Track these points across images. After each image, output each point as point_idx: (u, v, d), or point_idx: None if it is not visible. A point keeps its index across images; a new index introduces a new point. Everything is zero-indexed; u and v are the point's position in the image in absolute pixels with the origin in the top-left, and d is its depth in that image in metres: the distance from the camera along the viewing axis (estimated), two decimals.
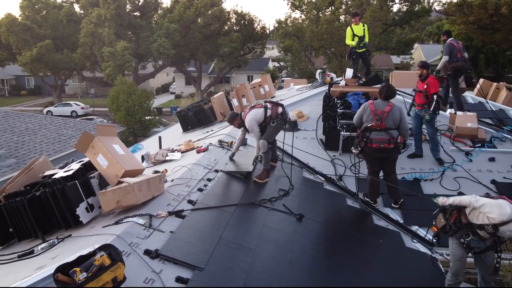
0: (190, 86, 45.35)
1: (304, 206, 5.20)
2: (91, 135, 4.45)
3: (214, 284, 3.23)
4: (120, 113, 18.43)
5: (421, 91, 6.68)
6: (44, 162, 5.10)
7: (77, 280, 2.67)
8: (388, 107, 5.28)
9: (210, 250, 3.65)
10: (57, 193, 4.03)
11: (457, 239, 3.96)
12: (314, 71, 30.51)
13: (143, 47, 28.52)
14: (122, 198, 4.00)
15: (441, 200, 4.12)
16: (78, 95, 45.58)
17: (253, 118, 5.52)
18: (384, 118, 5.23)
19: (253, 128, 5.53)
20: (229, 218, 4.37)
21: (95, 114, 34.41)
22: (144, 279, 3.10)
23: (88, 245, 3.46)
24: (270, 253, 3.93)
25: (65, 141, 15.42)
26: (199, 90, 37.98)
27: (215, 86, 44.41)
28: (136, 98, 18.65)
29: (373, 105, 5.35)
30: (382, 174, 5.80)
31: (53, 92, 37.25)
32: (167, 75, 52.39)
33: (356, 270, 4.11)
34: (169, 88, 51.01)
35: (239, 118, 5.73)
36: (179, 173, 5.25)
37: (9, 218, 4.25)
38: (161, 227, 3.84)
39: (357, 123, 5.50)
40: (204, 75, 42.87)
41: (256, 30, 37.77)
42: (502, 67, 37.71)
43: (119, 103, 18.63)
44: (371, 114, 5.29)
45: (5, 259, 3.90)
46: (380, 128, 5.24)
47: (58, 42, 32.03)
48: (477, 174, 6.65)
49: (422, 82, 6.64)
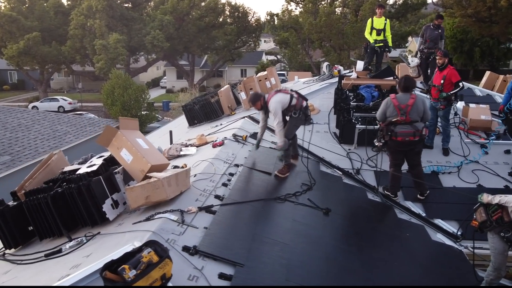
0: (181, 80, 44.99)
1: (327, 200, 5.19)
2: (114, 128, 4.37)
3: (257, 280, 3.21)
4: (116, 108, 18.19)
5: (435, 85, 6.71)
6: (60, 157, 5.00)
7: (127, 278, 2.62)
8: (411, 99, 5.28)
9: (247, 245, 3.62)
10: (83, 189, 3.95)
11: (497, 233, 4.00)
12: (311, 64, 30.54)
13: (136, 39, 28.17)
14: (151, 194, 3.95)
15: (486, 198, 4.15)
16: (64, 90, 44.67)
17: (279, 100, 5.39)
18: (408, 112, 5.23)
19: (277, 111, 5.36)
20: (258, 213, 4.35)
21: (84, 110, 33.91)
22: (187, 276, 3.06)
23: (123, 242, 3.41)
24: (304, 248, 3.92)
25: (60, 137, 15.19)
26: (192, 84, 37.72)
27: (208, 80, 44.17)
28: (132, 93, 18.43)
29: (395, 99, 5.34)
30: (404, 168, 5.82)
31: (38, 87, 36.48)
32: (157, 69, 51.78)
33: (389, 264, 4.13)
34: (159, 82, 50.43)
35: (263, 99, 5.56)
36: (200, 167, 5.20)
37: (30, 216, 4.16)
38: (193, 223, 3.80)
39: (381, 119, 5.49)
40: (196, 69, 42.54)
41: (250, 22, 37.63)
42: (497, 60, 38.23)
43: (114, 97, 18.38)
44: (395, 109, 5.29)
45: (30, 259, 3.82)
46: (405, 121, 5.25)
47: (46, 35, 31.41)
48: (494, 167, 6.73)
49: (441, 72, 6.66)
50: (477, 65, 36.57)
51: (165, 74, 50.06)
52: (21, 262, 3.86)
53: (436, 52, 9.28)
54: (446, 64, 6.66)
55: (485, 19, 23.78)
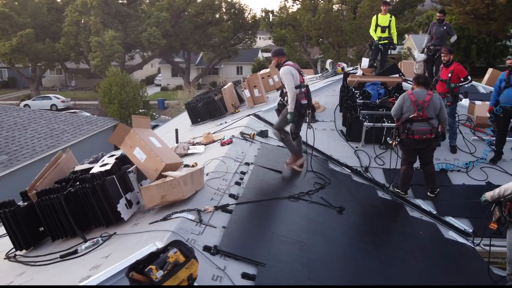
0: (176, 78, 44.80)
1: (339, 198, 5.20)
2: (127, 127, 4.34)
3: (280, 279, 3.21)
4: (114, 106, 18.06)
5: (443, 79, 6.74)
6: (69, 157, 4.95)
7: (154, 279, 2.60)
8: (428, 96, 5.30)
9: (266, 245, 3.62)
10: (98, 189, 3.91)
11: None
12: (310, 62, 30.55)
13: (132, 36, 28.00)
14: (167, 193, 3.92)
15: (489, 195, 4.16)
16: (56, 88, 44.22)
17: (289, 73, 5.27)
18: (425, 108, 5.25)
19: (286, 76, 5.24)
20: (274, 211, 4.35)
21: (77, 108, 33.61)
22: (211, 276, 3.05)
23: (142, 242, 3.38)
24: (322, 247, 3.92)
25: (57, 136, 15.06)
26: (187, 81, 37.58)
27: (204, 78, 44.02)
28: (130, 90, 18.31)
29: (413, 95, 5.35)
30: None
31: (30, 85, 36.04)
32: (151, 66, 51.49)
33: (406, 262, 4.14)
34: (154, 80, 50.16)
35: (283, 59, 5.44)
36: (211, 166, 5.18)
37: (43, 216, 4.12)
38: (211, 222, 3.78)
39: (396, 114, 5.49)
40: (192, 66, 42.38)
41: (247, 19, 37.56)
42: (494, 57, 38.56)
43: (112, 95, 18.25)
44: (412, 104, 5.30)
45: (45, 260, 3.78)
46: (421, 118, 5.26)
47: (39, 32, 31.09)
48: (503, 164, 6.78)
49: (447, 68, 6.70)
50: (473, 62, 36.81)
51: (159, 72, 49.82)
52: (35, 263, 3.82)
53: (442, 49, 9.35)
54: (452, 61, 6.70)
55: (483, 16, 23.95)
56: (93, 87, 41.46)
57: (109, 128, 17.75)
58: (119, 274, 2.89)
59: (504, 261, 5.06)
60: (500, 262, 5.00)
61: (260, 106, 9.25)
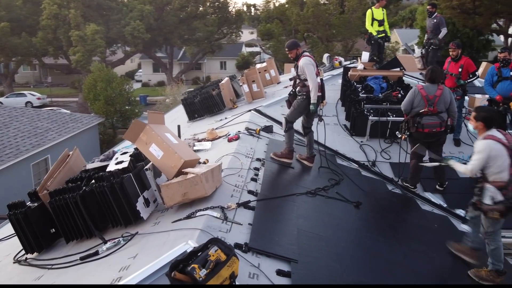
0: (158, 73, 44.19)
1: (353, 193, 5.25)
2: (142, 123, 4.25)
3: (315, 275, 3.22)
4: (99, 103, 17.68)
5: (453, 74, 6.86)
6: (77, 155, 4.83)
7: (198, 278, 2.57)
8: (439, 90, 5.38)
9: (294, 241, 3.62)
10: (116, 187, 3.83)
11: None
12: None
13: (115, 30, 27.44)
14: (189, 190, 3.87)
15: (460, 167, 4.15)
16: (31, 84, 42.82)
17: (311, 63, 5.35)
18: (436, 103, 5.33)
19: (309, 67, 5.30)
20: (294, 207, 4.35)
21: (55, 105, 32.69)
22: (247, 274, 3.03)
23: (171, 241, 3.34)
24: (348, 242, 3.96)
25: (41, 134, 14.67)
26: (170, 77, 37.12)
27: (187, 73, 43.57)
28: (116, 86, 17.97)
29: (423, 90, 5.42)
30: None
31: (3, 81, 34.84)
32: (131, 61, 50.57)
33: (429, 255, 4.22)
34: (134, 75, 49.30)
35: (301, 50, 5.51)
36: (224, 162, 5.14)
37: (56, 217, 4.01)
38: (236, 219, 3.76)
39: (406, 109, 5.56)
40: (174, 62, 41.88)
41: (231, 13, 37.37)
42: (477, 52, 39.59)
43: (97, 92, 17.86)
44: (423, 99, 5.37)
45: (63, 262, 3.69)
46: (431, 112, 5.35)
47: (14, 25, 30.06)
48: None
49: (456, 63, 6.82)
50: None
51: (140, 67, 49.03)
52: (52, 266, 3.72)
53: (434, 42, 9.51)
54: (461, 55, 6.83)
55: (469, 10, 24.51)
56: (71, 83, 40.56)
57: (95, 126, 17.42)
58: (155, 274, 2.85)
59: None
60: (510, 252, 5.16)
61: (259, 101, 9.22)
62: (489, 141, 3.81)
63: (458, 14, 24.71)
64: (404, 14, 49.38)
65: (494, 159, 3.75)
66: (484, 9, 23.72)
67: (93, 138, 17.25)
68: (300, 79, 5.48)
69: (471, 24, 25.95)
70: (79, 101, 30.56)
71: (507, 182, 3.73)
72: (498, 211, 3.69)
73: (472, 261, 4.13)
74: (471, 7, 24.11)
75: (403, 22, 51.14)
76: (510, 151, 3.78)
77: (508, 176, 3.74)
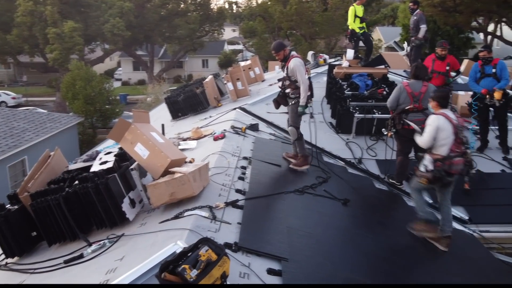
0: (138, 72, 43.67)
1: (340, 191, 5.30)
2: (127, 122, 4.19)
3: (306, 274, 3.23)
4: (78, 102, 17.33)
5: (442, 72, 6.99)
6: (58, 155, 4.73)
7: (189, 278, 2.55)
8: (424, 87, 5.47)
9: (284, 239, 3.63)
10: (101, 188, 3.77)
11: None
12: None
13: (93, 28, 26.93)
14: (176, 190, 3.84)
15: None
16: (4, 84, 41.60)
17: (302, 65, 5.31)
18: (421, 99, 5.43)
19: (300, 68, 5.26)
20: (283, 205, 4.37)
21: (31, 105, 31.87)
22: (237, 273, 3.03)
23: (159, 242, 3.30)
24: (338, 239, 4.00)
25: (18, 134, 14.30)
26: (151, 75, 36.69)
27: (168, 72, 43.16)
28: (96, 85, 17.65)
29: (409, 86, 5.51)
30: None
31: None
32: (110, 59, 49.72)
33: (417, 251, 4.30)
34: (113, 74, 48.49)
35: (288, 51, 5.43)
36: (211, 161, 5.11)
37: (39, 219, 3.92)
38: (225, 219, 3.75)
39: (392, 106, 5.63)
40: (155, 60, 41.43)
41: (213, 10, 37.19)
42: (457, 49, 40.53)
43: (76, 91, 17.51)
44: (408, 96, 5.46)
45: (46, 266, 3.61)
46: (417, 109, 5.44)
47: None
48: (489, 152, 7.14)
49: (443, 61, 6.95)
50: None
51: (119, 65, 48.32)
52: (34, 271, 3.63)
53: (414, 40, 9.62)
54: (446, 53, 6.99)
55: (450, 8, 25.05)
56: (48, 82, 39.67)
57: (74, 126, 17.06)
58: (144, 276, 2.81)
59: (500, 246, 5.38)
60: (497, 247, 5.30)
61: (244, 99, 9.21)
62: (439, 116, 4.40)
63: (439, 12, 25.21)
64: (386, 12, 50.09)
65: (440, 131, 4.29)
66: (464, 7, 24.28)
67: (72, 139, 16.93)
68: (291, 81, 5.44)
69: (451, 22, 26.53)
70: (56, 101, 29.93)
71: (445, 156, 4.28)
72: (426, 178, 4.32)
73: (432, 235, 4.50)
74: (451, 5, 24.64)
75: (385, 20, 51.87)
76: (455, 129, 4.30)
77: (447, 151, 4.28)
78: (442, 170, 4.24)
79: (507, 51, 41.22)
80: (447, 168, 4.25)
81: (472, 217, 5.61)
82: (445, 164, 4.24)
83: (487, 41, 32.52)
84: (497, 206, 5.81)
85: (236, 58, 47.85)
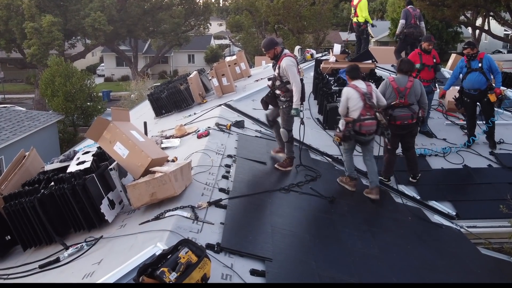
0: (122, 68, 43.16)
1: (327, 188, 5.31)
2: (106, 120, 4.12)
3: (290, 274, 3.24)
4: (58, 100, 17.04)
5: (431, 65, 7.06)
6: (34, 155, 4.64)
7: (168, 282, 2.52)
8: (409, 82, 5.52)
9: (268, 239, 3.62)
10: (78, 189, 3.70)
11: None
12: None
13: (73, 22, 26.47)
14: (157, 190, 3.80)
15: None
16: None
17: (295, 65, 5.15)
18: (407, 95, 5.47)
19: (292, 69, 5.05)
20: (268, 204, 4.36)
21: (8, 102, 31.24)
22: (220, 275, 3.01)
23: (139, 244, 3.26)
24: (323, 237, 4.00)
25: None
26: (135, 71, 36.29)
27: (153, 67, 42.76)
28: (76, 81, 17.37)
29: (394, 82, 5.55)
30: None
31: None
32: (92, 55, 49.02)
33: (404, 248, 4.33)
34: (96, 70, 47.84)
35: (279, 49, 5.20)
36: (194, 160, 5.07)
37: (12, 223, 3.84)
38: (207, 219, 3.72)
39: None
40: (139, 55, 40.98)
41: (199, 4, 36.92)
42: (446, 44, 41.08)
43: (55, 87, 17.20)
44: (394, 91, 5.50)
45: (20, 272, 3.54)
46: (403, 104, 5.48)
47: None
48: (476, 147, 7.24)
49: (429, 55, 7.02)
50: None
51: (102, 61, 47.69)
52: (8, 276, 3.56)
53: (397, 35, 9.67)
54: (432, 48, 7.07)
55: (438, 2, 25.34)
56: (26, 79, 38.91)
57: (53, 124, 16.79)
58: (122, 280, 2.78)
59: (487, 241, 5.46)
60: (484, 242, 5.38)
61: (229, 95, 9.16)
62: (348, 88, 5.25)
63: (427, 6, 25.47)
64: (375, 6, 50.44)
65: (350, 100, 5.11)
66: (451, 1, 24.57)
67: (52, 137, 16.64)
68: (282, 81, 5.24)
69: (439, 16, 26.84)
70: (35, 98, 29.42)
71: (355, 119, 5.06)
72: (338, 137, 5.25)
73: (350, 188, 5.37)
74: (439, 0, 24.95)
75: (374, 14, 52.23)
76: (363, 97, 5.05)
77: (357, 115, 5.05)
78: (352, 130, 5.07)
79: (495, 45, 41.98)
80: (358, 128, 5.05)
81: (459, 213, 5.68)
82: (355, 125, 5.05)
83: (475, 35, 32.99)
84: (484, 201, 5.88)
85: (223, 53, 47.61)
